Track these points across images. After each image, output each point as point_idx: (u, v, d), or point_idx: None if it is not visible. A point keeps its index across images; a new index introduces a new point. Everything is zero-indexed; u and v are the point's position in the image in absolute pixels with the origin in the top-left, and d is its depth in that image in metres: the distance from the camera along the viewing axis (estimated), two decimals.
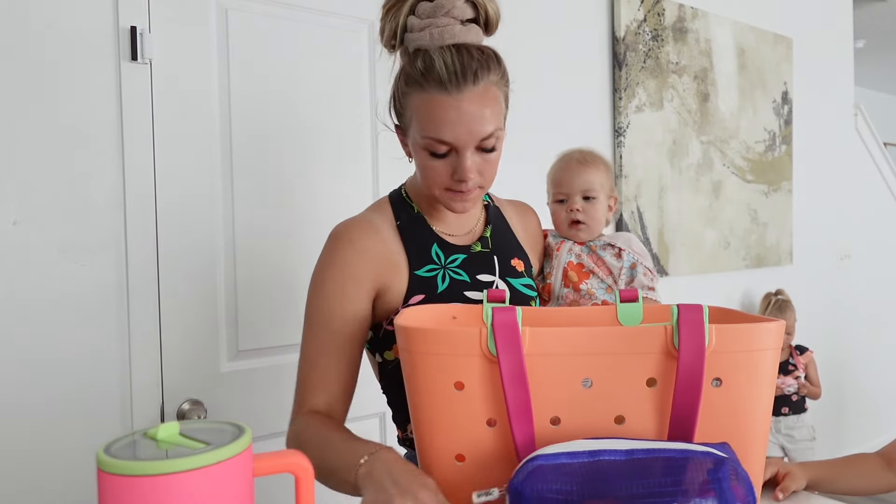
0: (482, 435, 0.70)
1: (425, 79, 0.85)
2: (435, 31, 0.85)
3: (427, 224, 0.99)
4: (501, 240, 1.05)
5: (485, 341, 0.68)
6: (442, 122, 0.85)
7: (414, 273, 0.95)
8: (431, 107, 0.85)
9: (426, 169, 0.91)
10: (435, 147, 0.87)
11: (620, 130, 2.26)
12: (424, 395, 0.71)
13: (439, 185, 0.91)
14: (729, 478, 0.58)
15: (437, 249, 0.98)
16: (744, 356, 0.68)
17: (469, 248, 1.01)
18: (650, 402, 0.69)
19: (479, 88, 0.85)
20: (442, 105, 0.85)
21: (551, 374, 0.69)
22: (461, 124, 0.85)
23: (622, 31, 2.26)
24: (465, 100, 0.84)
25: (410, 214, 1.00)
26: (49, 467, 1.26)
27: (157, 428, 0.50)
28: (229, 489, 0.48)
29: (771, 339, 0.68)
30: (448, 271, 0.97)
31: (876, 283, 3.63)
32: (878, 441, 3.70)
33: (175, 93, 1.39)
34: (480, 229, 1.04)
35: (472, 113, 0.85)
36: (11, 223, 1.23)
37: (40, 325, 1.26)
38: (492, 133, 0.87)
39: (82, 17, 1.29)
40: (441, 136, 0.86)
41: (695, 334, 0.66)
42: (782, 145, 2.95)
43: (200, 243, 1.43)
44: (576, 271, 1.13)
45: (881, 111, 5.95)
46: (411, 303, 0.94)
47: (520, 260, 1.06)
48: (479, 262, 1.00)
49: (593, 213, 1.15)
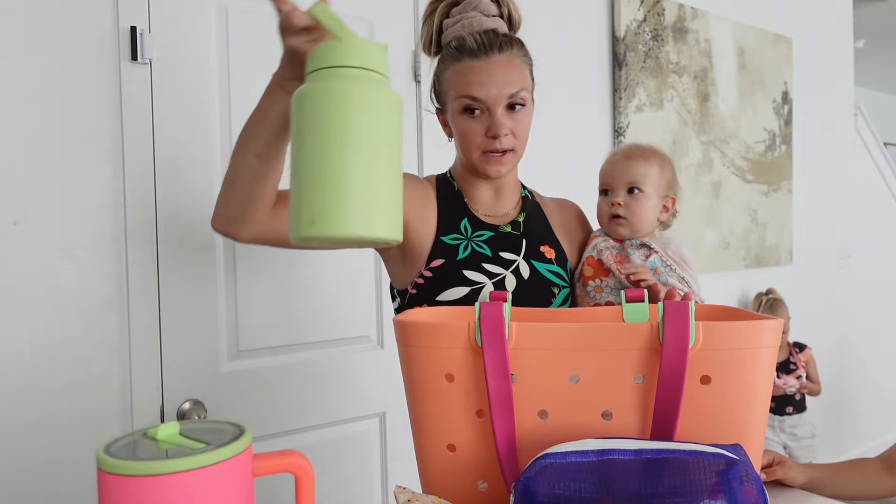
0: (472, 426, 0.72)
1: (459, 52, 1.00)
2: (465, 21, 1.00)
3: (463, 201, 1.08)
4: (534, 226, 1.11)
5: (472, 334, 0.70)
6: (474, 82, 0.98)
7: (439, 238, 1.03)
8: (465, 72, 0.99)
9: (464, 132, 1.01)
10: (470, 105, 0.99)
11: (620, 130, 2.26)
12: (418, 387, 0.74)
13: (476, 146, 1.00)
14: (740, 479, 0.57)
15: (466, 223, 1.05)
16: (735, 354, 0.67)
17: (498, 227, 1.07)
18: (636, 399, 0.69)
19: (504, 56, 0.99)
20: (473, 69, 0.98)
21: (538, 369, 0.70)
22: (492, 84, 0.97)
23: (622, 31, 2.26)
24: (494, 64, 0.98)
25: (451, 191, 1.09)
26: (49, 467, 1.26)
27: (157, 428, 0.50)
28: (229, 489, 0.48)
29: (765, 338, 0.68)
30: (472, 243, 1.04)
31: (876, 283, 3.63)
32: (879, 441, 3.70)
33: (175, 93, 1.39)
34: (514, 214, 1.11)
35: (500, 74, 0.98)
36: (11, 223, 1.23)
37: (40, 325, 1.26)
38: (518, 91, 0.99)
39: (82, 17, 1.29)
40: (474, 93, 0.98)
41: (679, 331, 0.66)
42: (782, 145, 2.95)
43: (200, 243, 1.43)
44: (593, 267, 1.08)
45: (881, 111, 5.95)
46: (432, 265, 1.01)
47: (551, 248, 1.09)
48: (505, 241, 1.06)
49: (636, 209, 1.07)
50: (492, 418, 0.70)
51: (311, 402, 1.59)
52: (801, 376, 2.75)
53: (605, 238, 1.10)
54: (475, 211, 1.08)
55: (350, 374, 1.65)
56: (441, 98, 1.06)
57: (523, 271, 1.04)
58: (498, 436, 0.70)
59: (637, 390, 0.69)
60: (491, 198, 1.09)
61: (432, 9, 1.06)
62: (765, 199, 2.87)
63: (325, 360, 1.61)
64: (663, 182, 1.10)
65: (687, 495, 0.57)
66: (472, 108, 0.99)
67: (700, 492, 0.57)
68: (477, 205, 1.09)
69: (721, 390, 0.68)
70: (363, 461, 1.68)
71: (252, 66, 1.50)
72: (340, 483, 1.65)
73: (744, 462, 0.59)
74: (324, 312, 1.61)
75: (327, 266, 1.61)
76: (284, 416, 1.55)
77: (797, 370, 2.75)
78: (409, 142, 1.75)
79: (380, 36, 1.69)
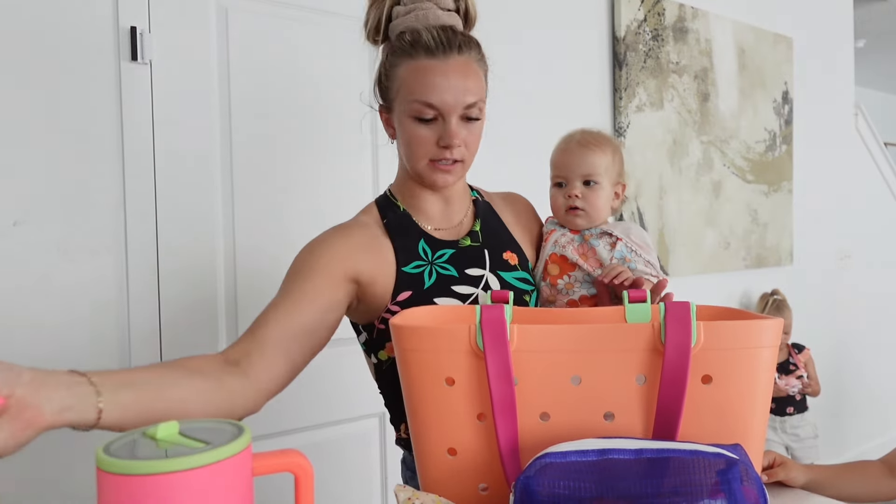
0: (473, 430, 0.72)
1: (413, 48, 0.90)
2: (420, 12, 0.91)
3: (413, 221, 1.00)
4: (492, 233, 1.04)
5: (473, 338, 0.69)
6: (430, 85, 0.89)
7: (401, 270, 0.95)
8: (420, 71, 0.90)
9: (412, 139, 0.92)
10: (422, 111, 0.90)
11: (620, 130, 2.26)
12: (417, 391, 0.73)
13: (424, 154, 0.92)
14: (740, 479, 0.57)
15: (423, 245, 0.98)
16: (736, 354, 0.68)
17: (457, 242, 1.01)
18: (638, 399, 0.70)
19: (462, 59, 0.91)
20: (430, 69, 0.89)
21: (540, 371, 0.70)
22: (448, 90, 0.89)
23: (622, 31, 2.26)
24: (451, 66, 0.90)
25: (396, 213, 1.00)
26: (49, 467, 1.26)
27: (156, 427, 0.50)
28: (229, 489, 0.48)
29: (765, 337, 0.68)
30: (435, 267, 0.97)
31: (876, 283, 3.63)
32: (879, 441, 3.70)
33: (175, 93, 1.39)
34: (469, 223, 1.04)
35: (457, 80, 0.90)
36: (11, 223, 1.23)
37: (40, 325, 1.26)
38: (475, 102, 0.91)
39: (82, 17, 1.29)
40: (429, 98, 0.89)
41: (681, 331, 0.66)
42: (782, 145, 2.95)
43: (200, 243, 1.43)
44: (558, 264, 1.04)
45: (881, 111, 5.95)
46: (399, 299, 0.94)
47: (513, 253, 1.04)
48: (468, 257, 1.00)
49: (594, 200, 1.05)
50: (494, 422, 0.69)
51: (311, 402, 1.59)
52: (803, 376, 2.74)
53: (562, 231, 1.07)
54: (427, 228, 1.00)
55: (350, 374, 1.64)
56: (387, 95, 0.96)
57: (493, 285, 1.00)
58: (501, 439, 0.69)
59: (639, 391, 0.69)
60: (441, 209, 1.01)
61: None
62: (765, 199, 2.87)
63: (325, 360, 1.61)
64: (615, 170, 1.08)
65: (687, 495, 0.57)
66: (425, 115, 0.90)
67: (700, 491, 0.57)
68: (427, 220, 1.01)
69: (722, 390, 0.68)
70: (363, 461, 1.68)
71: (252, 66, 1.50)
72: (340, 483, 1.65)
73: (744, 462, 0.59)
74: None
75: None
76: (284, 416, 1.55)
77: (797, 370, 2.75)
78: None
79: None
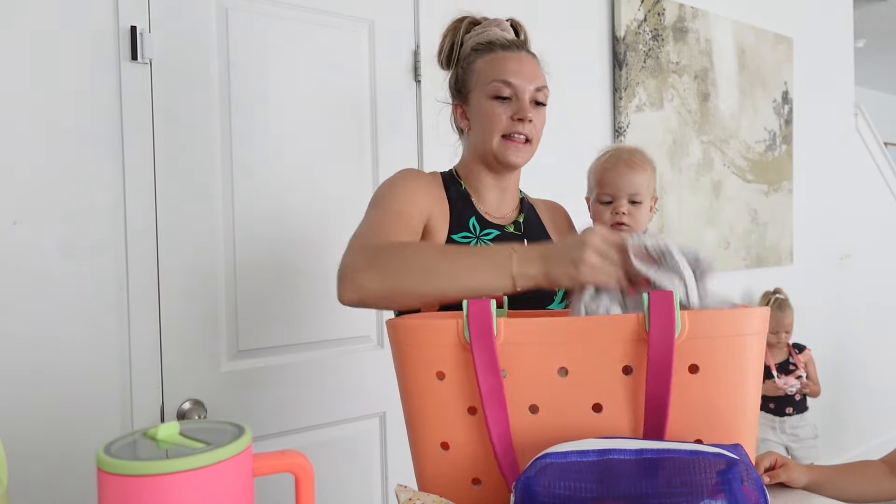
0: (464, 423, 0.73)
1: (491, 45, 1.08)
2: (489, 31, 1.10)
3: (470, 200, 1.11)
4: (532, 229, 1.15)
5: (461, 330, 0.71)
6: (508, 69, 1.05)
7: (451, 236, 1.05)
8: (498, 60, 1.07)
9: (491, 115, 1.05)
10: (500, 90, 1.05)
11: (621, 130, 2.26)
12: (410, 386, 0.75)
13: (499, 129, 1.05)
14: (740, 479, 0.57)
15: (474, 221, 1.08)
16: (721, 342, 0.68)
17: (503, 227, 1.11)
18: (626, 390, 0.70)
19: (531, 57, 1.09)
20: (507, 58, 1.07)
21: (527, 363, 0.71)
22: (522, 73, 1.06)
23: (622, 31, 2.26)
24: (524, 57, 1.08)
25: (458, 189, 1.11)
26: (49, 467, 1.26)
27: (157, 428, 0.50)
28: (229, 489, 0.48)
29: (751, 325, 0.68)
30: (480, 241, 1.07)
31: (876, 283, 3.63)
32: (879, 440, 3.70)
33: (175, 93, 1.39)
34: (515, 215, 1.15)
35: (529, 67, 1.07)
36: (11, 223, 1.23)
37: (40, 326, 1.26)
38: (543, 87, 1.07)
39: (82, 16, 1.29)
40: (507, 77, 1.05)
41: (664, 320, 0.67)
42: (782, 145, 2.95)
43: (200, 243, 1.43)
44: None
45: (881, 111, 5.94)
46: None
47: None
48: (509, 241, 1.09)
49: (639, 217, 1.15)
50: (485, 414, 0.70)
51: (311, 402, 1.59)
52: (802, 376, 2.74)
53: None
54: (480, 209, 1.11)
55: (350, 374, 1.65)
56: (464, 87, 1.11)
57: None
58: (492, 431, 0.70)
59: (626, 381, 0.70)
60: (497, 197, 1.13)
61: (455, 26, 1.14)
62: (765, 198, 2.87)
63: (325, 360, 1.61)
64: (653, 186, 1.19)
65: (687, 495, 0.57)
66: (502, 93, 1.04)
67: (700, 492, 0.57)
68: (483, 204, 1.11)
69: (710, 379, 0.69)
70: (363, 461, 1.68)
71: (252, 66, 1.50)
72: (340, 483, 1.65)
73: (744, 462, 0.59)
74: (324, 312, 1.61)
75: (328, 266, 1.60)
76: (284, 416, 1.55)
77: (797, 370, 2.75)
78: (410, 141, 1.75)
79: (380, 36, 1.69)
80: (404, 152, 1.72)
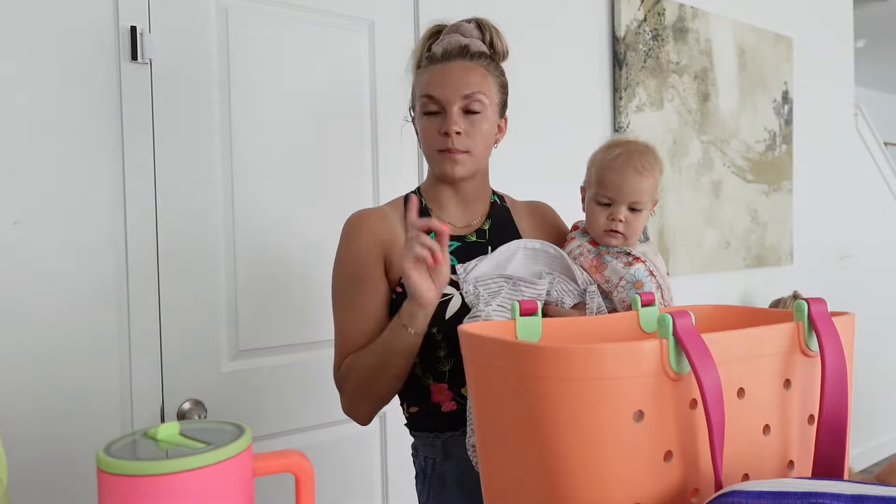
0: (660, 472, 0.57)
1: (430, 58, 1.05)
2: (446, 39, 1.05)
3: (430, 215, 1.08)
4: (499, 233, 1.11)
5: (666, 356, 0.56)
6: (431, 83, 1.02)
7: None
8: (426, 73, 1.04)
9: (422, 132, 1.05)
10: (426, 105, 1.02)
11: (620, 130, 2.26)
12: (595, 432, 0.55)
13: (433, 145, 1.03)
14: None
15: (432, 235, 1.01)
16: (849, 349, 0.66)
17: (464, 237, 1.08)
18: (789, 407, 0.63)
19: (469, 63, 1.03)
20: (433, 71, 1.03)
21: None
22: (447, 84, 1.01)
23: (622, 31, 2.26)
24: (454, 66, 1.02)
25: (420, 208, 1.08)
26: (49, 467, 1.26)
27: (157, 428, 0.50)
28: (229, 489, 0.48)
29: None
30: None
31: (876, 283, 3.63)
32: (879, 440, 3.71)
33: (175, 93, 1.39)
34: (480, 222, 1.11)
35: (457, 75, 1.01)
36: (11, 223, 1.23)
37: (40, 325, 1.26)
38: (474, 92, 1.01)
39: (82, 17, 1.29)
40: (430, 91, 1.02)
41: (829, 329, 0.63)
42: (782, 145, 2.95)
43: (200, 243, 1.43)
44: None
45: (881, 111, 5.94)
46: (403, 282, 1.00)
47: None
48: (472, 251, 1.06)
49: (636, 225, 1.05)
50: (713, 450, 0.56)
51: (311, 402, 1.59)
52: None
53: (581, 241, 1.07)
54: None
55: None
56: (412, 106, 1.10)
57: None
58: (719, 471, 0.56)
59: (788, 396, 0.63)
60: (457, 206, 1.10)
61: (427, 34, 1.11)
62: (765, 198, 2.87)
63: (325, 360, 1.61)
64: (656, 191, 1.07)
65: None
66: (429, 108, 1.02)
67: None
68: (443, 215, 1.09)
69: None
70: (363, 461, 1.68)
71: (252, 66, 1.50)
72: (340, 483, 1.65)
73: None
74: (324, 312, 1.61)
75: (328, 266, 1.60)
76: (284, 416, 1.55)
77: None
78: (410, 141, 1.75)
79: (380, 36, 1.69)
80: (404, 152, 1.72)
